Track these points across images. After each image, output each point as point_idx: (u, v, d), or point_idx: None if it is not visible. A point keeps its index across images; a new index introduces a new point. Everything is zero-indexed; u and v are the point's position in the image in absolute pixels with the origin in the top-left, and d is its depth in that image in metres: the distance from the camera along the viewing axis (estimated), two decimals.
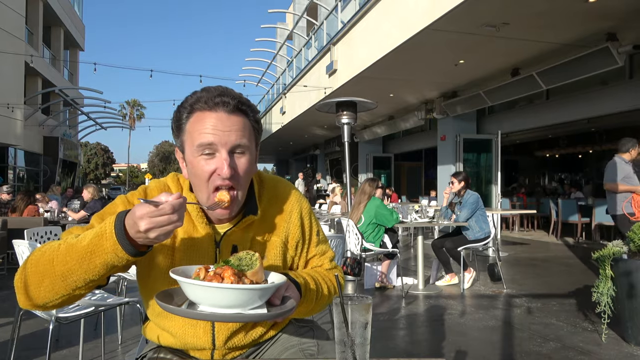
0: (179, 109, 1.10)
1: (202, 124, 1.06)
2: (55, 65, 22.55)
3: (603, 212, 9.26)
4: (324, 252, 1.32)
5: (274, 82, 21.52)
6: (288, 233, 1.24)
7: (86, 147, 54.44)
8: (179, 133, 1.11)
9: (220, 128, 1.05)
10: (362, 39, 9.41)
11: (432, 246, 5.58)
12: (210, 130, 1.05)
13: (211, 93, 1.07)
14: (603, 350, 3.25)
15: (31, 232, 3.21)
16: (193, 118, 1.08)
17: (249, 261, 0.99)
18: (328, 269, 1.31)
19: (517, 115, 11.37)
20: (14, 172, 18.15)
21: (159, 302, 0.93)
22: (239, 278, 0.93)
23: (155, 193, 1.18)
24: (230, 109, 1.07)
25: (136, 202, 1.15)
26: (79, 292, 1.00)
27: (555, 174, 21.02)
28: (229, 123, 1.06)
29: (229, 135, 1.05)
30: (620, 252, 3.38)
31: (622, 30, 6.84)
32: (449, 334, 3.69)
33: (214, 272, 0.94)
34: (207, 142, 1.05)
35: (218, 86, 1.10)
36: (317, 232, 1.31)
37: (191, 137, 1.07)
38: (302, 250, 1.27)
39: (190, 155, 1.09)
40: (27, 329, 3.69)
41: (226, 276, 0.92)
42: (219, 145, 1.05)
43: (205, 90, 1.09)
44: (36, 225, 5.76)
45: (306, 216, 1.28)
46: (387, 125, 15.06)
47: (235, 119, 1.07)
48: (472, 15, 6.30)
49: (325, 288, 1.22)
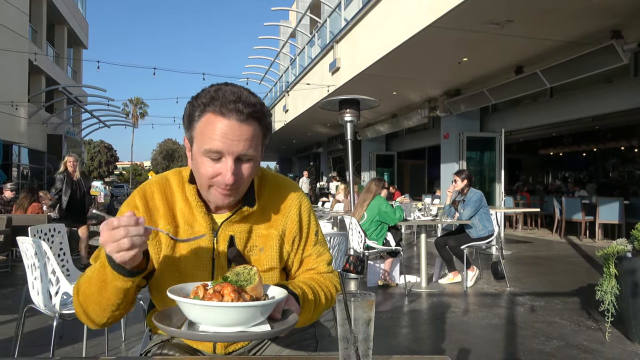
0: (192, 104, 1.08)
1: (212, 128, 1.05)
2: (58, 63, 22.60)
3: (607, 210, 9.24)
4: (320, 254, 1.29)
5: (277, 80, 21.52)
6: (285, 227, 1.23)
7: (90, 145, 54.56)
8: (190, 127, 1.10)
9: (230, 137, 1.04)
10: (365, 37, 9.39)
11: (435, 244, 5.57)
12: (219, 137, 1.04)
13: (227, 97, 1.04)
14: (607, 349, 3.24)
15: (35, 230, 3.22)
16: (204, 118, 1.06)
17: (247, 276, 0.98)
18: (323, 272, 1.29)
19: (520, 113, 11.33)
20: (18, 169, 18.20)
21: (158, 325, 0.91)
22: (238, 294, 0.91)
23: (155, 187, 1.20)
24: (244, 117, 1.04)
25: (137, 201, 1.19)
26: (119, 311, 1.10)
27: (559, 172, 20.97)
28: (239, 132, 1.04)
29: (237, 144, 1.05)
30: (625, 251, 3.36)
31: (627, 27, 6.80)
32: (452, 332, 3.69)
33: (212, 289, 0.92)
34: (215, 149, 1.04)
35: (235, 87, 1.08)
36: (316, 232, 1.30)
37: (200, 138, 1.07)
38: (298, 246, 1.26)
39: (196, 152, 1.09)
40: (31, 326, 3.71)
41: (226, 293, 0.90)
42: (225, 153, 1.05)
43: (220, 90, 1.06)
44: (40, 222, 5.78)
45: (305, 213, 1.27)
46: (390, 123, 15.04)
47: (245, 127, 1.05)
48: (476, 13, 6.28)
49: (323, 296, 1.21)
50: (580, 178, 18.80)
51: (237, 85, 1.10)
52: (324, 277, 1.28)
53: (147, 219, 1.16)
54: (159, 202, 1.18)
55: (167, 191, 1.20)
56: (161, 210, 1.17)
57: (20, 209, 7.21)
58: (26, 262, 2.72)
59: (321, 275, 1.29)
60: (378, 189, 5.36)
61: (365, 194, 5.39)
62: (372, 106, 5.41)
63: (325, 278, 1.28)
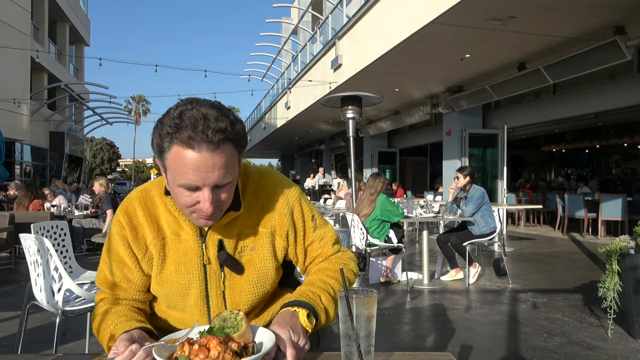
0: (159, 133, 0.99)
1: (183, 163, 0.97)
2: (60, 61, 22.61)
3: (610, 207, 9.22)
4: (322, 237, 1.27)
5: (278, 77, 21.48)
6: (275, 223, 1.20)
7: (92, 142, 54.66)
8: (161, 157, 1.03)
9: (203, 170, 0.97)
10: (368, 33, 9.36)
11: (437, 241, 5.57)
12: (191, 172, 0.97)
13: (196, 127, 0.95)
14: (609, 346, 3.24)
15: (37, 227, 3.22)
16: (174, 151, 0.98)
17: (233, 321, 0.97)
18: (330, 255, 1.27)
19: (523, 109, 11.29)
20: (20, 167, 18.24)
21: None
22: (225, 345, 0.89)
23: (136, 204, 1.19)
24: (214, 147, 0.96)
25: (121, 219, 1.19)
26: None
27: (562, 169, 20.92)
28: (212, 162, 0.97)
29: (211, 175, 0.98)
30: (627, 247, 3.35)
31: (630, 23, 6.76)
32: (454, 329, 3.69)
33: (198, 343, 0.90)
34: (190, 183, 0.99)
35: (202, 108, 0.98)
36: (312, 217, 1.26)
37: (173, 170, 1.01)
38: (296, 238, 1.24)
39: (172, 183, 1.04)
40: (34, 322, 3.72)
41: (212, 347, 0.88)
42: (201, 186, 1.00)
43: (185, 115, 0.97)
44: (43, 219, 5.80)
45: (295, 203, 1.23)
46: (392, 120, 15.01)
47: (218, 157, 0.98)
48: (478, 9, 6.25)
49: (337, 286, 1.20)
50: (583, 175, 18.75)
51: (205, 103, 1.00)
52: (331, 262, 1.26)
53: (134, 235, 1.17)
54: (142, 218, 1.17)
55: (148, 204, 1.19)
56: (145, 226, 1.17)
57: (21, 207, 7.24)
58: (29, 259, 2.73)
59: (329, 260, 1.26)
60: (381, 185, 5.32)
61: (370, 189, 5.35)
62: (374, 103, 5.39)
63: (334, 262, 1.26)
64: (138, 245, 1.17)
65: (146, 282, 1.20)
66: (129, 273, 1.18)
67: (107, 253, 1.20)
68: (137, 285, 1.19)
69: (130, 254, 1.17)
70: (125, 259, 1.17)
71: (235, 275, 1.17)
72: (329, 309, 1.15)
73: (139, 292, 1.20)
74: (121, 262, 1.18)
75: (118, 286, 1.19)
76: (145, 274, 1.19)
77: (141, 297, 1.21)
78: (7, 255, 6.80)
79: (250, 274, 1.17)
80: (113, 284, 1.19)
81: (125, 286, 1.18)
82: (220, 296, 1.17)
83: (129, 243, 1.17)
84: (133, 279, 1.18)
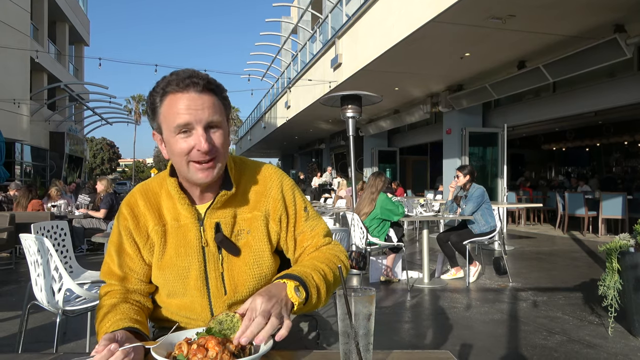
0: (151, 94, 1.15)
1: (176, 105, 1.11)
2: (60, 61, 22.61)
3: (610, 205, 9.22)
4: (314, 228, 1.28)
5: (278, 76, 21.49)
6: (268, 207, 1.24)
7: (92, 142, 54.69)
8: (155, 116, 1.16)
9: (193, 107, 1.10)
10: (367, 32, 9.36)
11: (437, 240, 5.57)
12: (184, 110, 1.10)
13: (180, 76, 1.12)
14: (609, 344, 3.24)
15: (38, 227, 3.22)
16: (166, 101, 1.13)
17: (230, 323, 0.99)
18: (321, 246, 1.27)
19: (523, 108, 11.29)
20: (20, 167, 18.24)
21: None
22: (223, 346, 0.91)
23: (137, 195, 1.25)
24: (200, 89, 1.12)
25: (124, 211, 1.24)
26: None
27: (562, 168, 20.91)
28: (201, 102, 1.11)
29: (202, 112, 1.11)
30: (627, 246, 3.35)
31: (630, 21, 6.76)
32: (454, 328, 3.69)
33: (196, 343, 0.91)
34: (184, 122, 1.10)
35: (186, 69, 1.16)
36: (305, 208, 1.29)
37: (167, 119, 1.13)
38: (287, 224, 1.26)
39: (168, 136, 1.14)
40: (34, 322, 3.73)
41: (210, 347, 0.90)
42: (194, 123, 1.10)
43: (174, 73, 1.14)
44: (43, 219, 5.80)
45: (288, 191, 1.27)
46: (392, 119, 15.01)
47: (205, 97, 1.12)
48: (478, 8, 6.25)
49: (328, 270, 1.18)
50: (583, 173, 18.75)
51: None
52: (322, 252, 1.25)
53: (135, 224, 1.22)
54: (143, 207, 1.23)
55: (149, 195, 1.25)
56: (147, 214, 1.22)
57: (20, 206, 7.24)
58: (29, 259, 2.73)
59: (319, 250, 1.26)
60: (382, 184, 5.32)
61: (370, 188, 5.34)
62: (374, 102, 5.39)
63: (324, 252, 1.25)
64: (139, 234, 1.21)
65: (147, 272, 1.23)
66: (131, 262, 1.22)
67: (110, 245, 1.25)
68: (138, 275, 1.22)
69: (132, 243, 1.22)
70: (127, 247, 1.22)
71: (233, 258, 1.20)
72: (320, 287, 1.13)
73: (141, 282, 1.23)
74: (123, 252, 1.22)
75: (120, 276, 1.22)
76: (147, 263, 1.22)
77: (143, 288, 1.23)
78: (7, 255, 6.80)
79: (247, 256, 1.20)
80: (116, 274, 1.22)
81: (128, 275, 1.22)
82: (219, 278, 1.19)
83: (130, 232, 1.22)
84: (135, 268, 1.22)
